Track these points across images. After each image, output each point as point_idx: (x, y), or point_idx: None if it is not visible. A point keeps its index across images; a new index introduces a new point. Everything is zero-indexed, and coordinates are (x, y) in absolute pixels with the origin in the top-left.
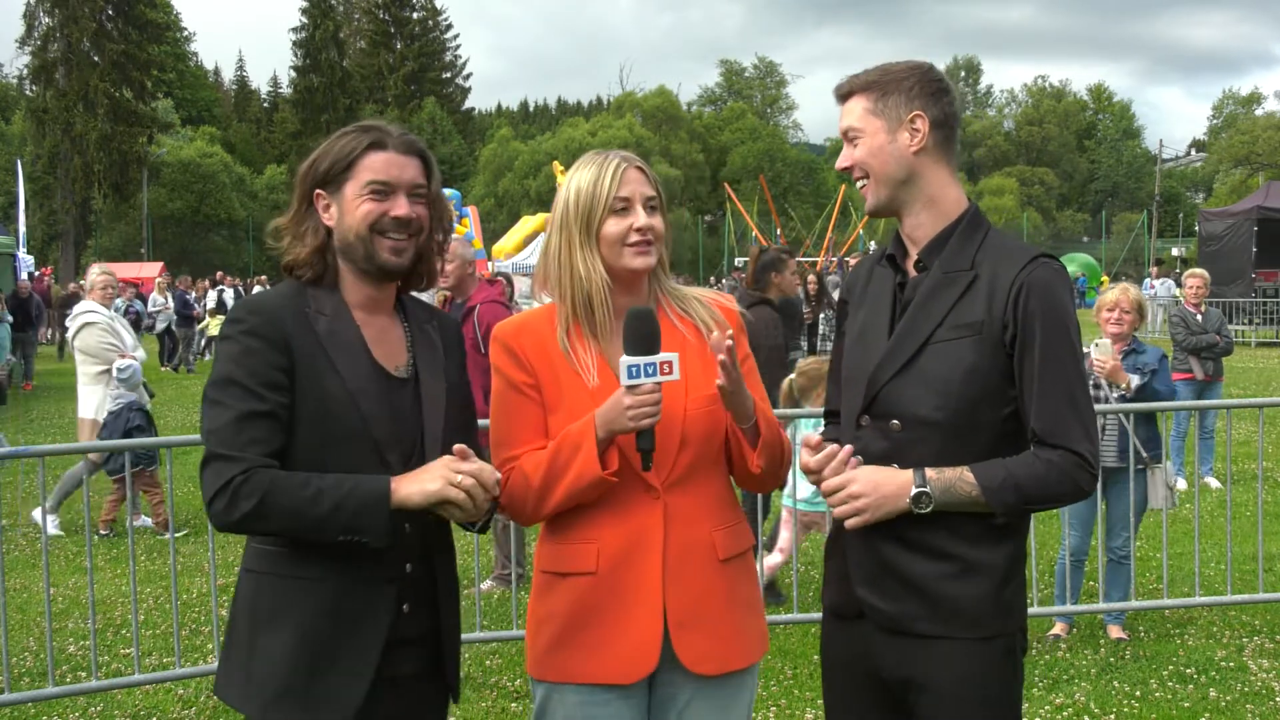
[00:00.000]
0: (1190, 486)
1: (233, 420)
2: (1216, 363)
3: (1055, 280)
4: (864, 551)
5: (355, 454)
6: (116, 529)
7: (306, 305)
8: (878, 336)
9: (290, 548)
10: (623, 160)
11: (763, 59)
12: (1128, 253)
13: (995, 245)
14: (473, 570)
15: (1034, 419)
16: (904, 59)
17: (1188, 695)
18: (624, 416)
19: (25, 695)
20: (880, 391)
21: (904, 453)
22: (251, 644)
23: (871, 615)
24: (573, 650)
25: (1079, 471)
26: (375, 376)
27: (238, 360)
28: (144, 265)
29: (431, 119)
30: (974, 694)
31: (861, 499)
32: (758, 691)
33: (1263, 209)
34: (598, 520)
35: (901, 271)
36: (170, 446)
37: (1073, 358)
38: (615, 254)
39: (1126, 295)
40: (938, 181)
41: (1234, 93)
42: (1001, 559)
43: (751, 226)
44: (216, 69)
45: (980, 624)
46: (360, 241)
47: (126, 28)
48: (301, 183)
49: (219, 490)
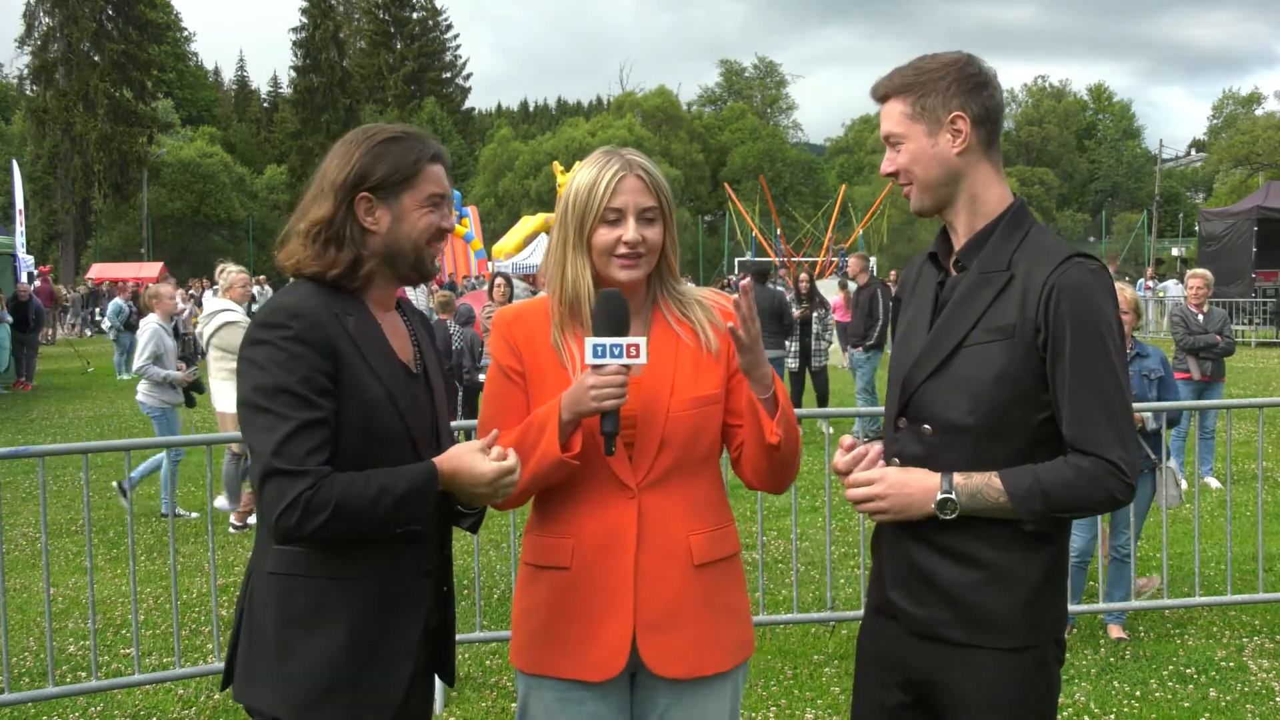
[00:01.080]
0: (1190, 486)
1: (291, 431)
2: (1216, 363)
3: (1090, 281)
4: (895, 553)
5: (396, 453)
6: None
7: (335, 308)
8: (918, 337)
9: (324, 549)
10: (623, 166)
11: (763, 59)
12: (1128, 252)
13: (1034, 244)
14: (472, 570)
15: (1066, 425)
16: (940, 52)
17: (1188, 695)
18: (587, 396)
19: (25, 695)
20: (915, 394)
21: (937, 457)
22: (285, 647)
23: (902, 618)
24: (550, 645)
25: (1111, 479)
26: (402, 374)
27: (286, 367)
28: (144, 265)
29: (431, 119)
30: (1003, 705)
31: (886, 498)
32: (758, 692)
33: (1263, 209)
34: (576, 515)
35: (943, 270)
36: (170, 446)
37: (1105, 361)
38: (604, 263)
39: (1122, 296)
40: (980, 180)
41: (1234, 93)
42: (1034, 568)
43: (752, 227)
44: (216, 69)
45: (1010, 634)
46: (415, 251)
47: (126, 28)
48: (342, 186)
49: (288, 506)
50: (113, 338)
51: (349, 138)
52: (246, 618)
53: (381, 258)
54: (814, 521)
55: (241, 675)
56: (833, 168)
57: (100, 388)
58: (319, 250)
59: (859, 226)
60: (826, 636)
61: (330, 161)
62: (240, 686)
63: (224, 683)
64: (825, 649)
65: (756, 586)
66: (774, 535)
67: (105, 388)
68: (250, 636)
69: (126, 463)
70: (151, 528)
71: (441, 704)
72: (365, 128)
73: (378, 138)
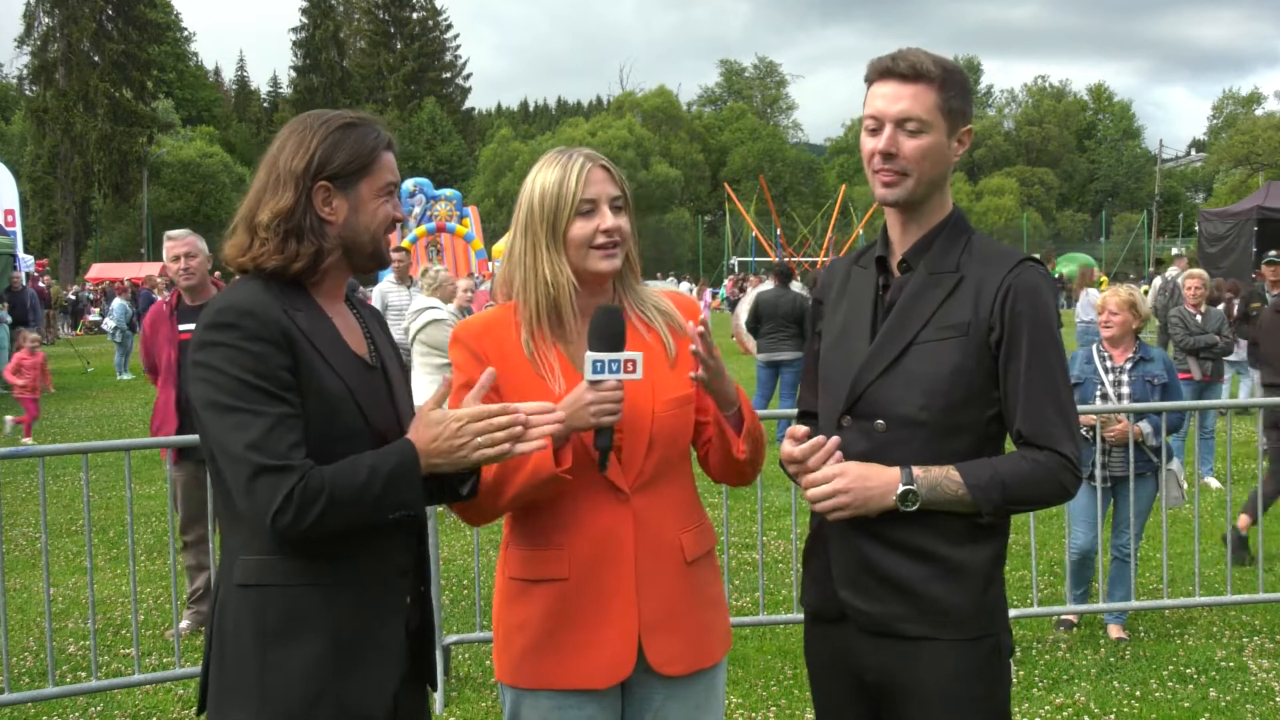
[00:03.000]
0: (1190, 486)
1: (269, 428)
2: (1217, 363)
3: (1041, 283)
4: (845, 551)
5: (358, 449)
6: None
7: (285, 304)
8: (859, 337)
9: (296, 556)
10: (587, 159)
11: (763, 59)
12: (1128, 252)
13: (980, 249)
14: (472, 570)
15: (1020, 420)
16: (935, 53)
17: (1188, 695)
18: (586, 412)
19: (25, 695)
20: (865, 392)
21: (886, 453)
22: (264, 661)
23: (854, 617)
24: (547, 656)
25: (1064, 473)
26: (359, 368)
27: (249, 367)
28: (144, 265)
29: (431, 119)
30: (963, 694)
31: (848, 493)
32: (758, 692)
33: (1263, 209)
34: (567, 525)
35: (886, 273)
36: (169, 446)
37: (1058, 360)
38: (581, 256)
39: (1116, 296)
40: (945, 188)
41: (1234, 92)
42: (984, 560)
43: (751, 227)
44: (216, 69)
45: (967, 625)
46: (373, 241)
47: (126, 28)
48: (303, 175)
49: (282, 503)
50: (118, 340)
51: (300, 123)
52: (217, 635)
53: (340, 249)
54: None
55: (216, 697)
56: (833, 168)
57: (100, 388)
58: (279, 243)
59: (859, 226)
60: None
61: (283, 148)
62: (215, 709)
63: (199, 707)
64: None
65: (756, 586)
66: (774, 535)
67: (105, 388)
68: (223, 655)
69: (126, 463)
70: (151, 528)
71: (442, 704)
72: (315, 113)
73: (334, 124)
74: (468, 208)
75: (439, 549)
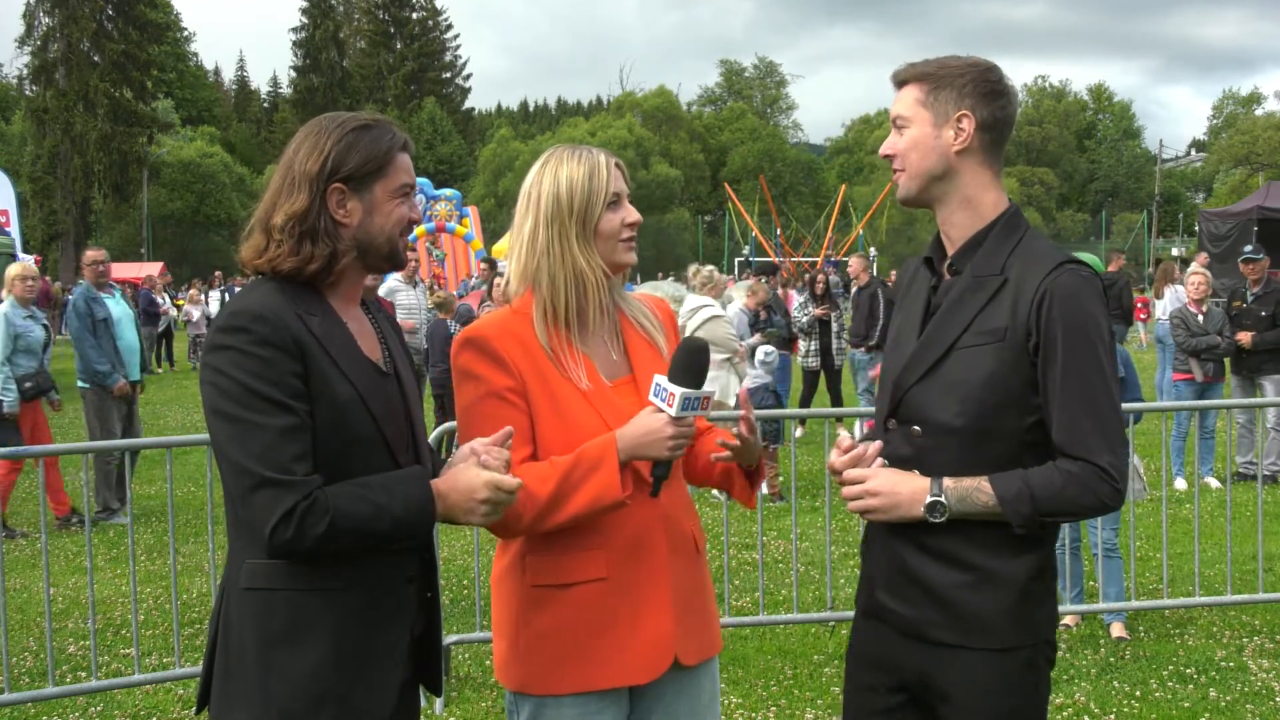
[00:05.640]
0: (1190, 486)
1: (273, 439)
2: (1218, 364)
3: (1081, 287)
4: (884, 554)
5: (371, 456)
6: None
7: (298, 307)
8: (908, 340)
9: (302, 561)
10: (608, 155)
11: (763, 59)
12: (1128, 253)
13: (1028, 250)
14: (472, 570)
15: (1055, 430)
16: (969, 55)
17: (1188, 695)
18: (664, 445)
19: (25, 695)
20: (905, 396)
21: (925, 459)
22: (267, 664)
23: (890, 619)
24: (581, 658)
25: (1100, 484)
26: (372, 374)
27: (257, 373)
28: (144, 265)
29: (431, 119)
30: (992, 705)
31: (876, 496)
32: (758, 692)
33: (1263, 209)
34: (602, 526)
35: (937, 274)
36: (170, 447)
37: (1096, 367)
38: (609, 249)
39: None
40: (976, 183)
41: (1234, 92)
42: (1019, 570)
43: (751, 227)
44: (216, 69)
45: (997, 635)
46: (388, 243)
47: (126, 28)
48: (316, 177)
49: (282, 519)
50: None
51: (316, 125)
52: (221, 638)
53: (354, 251)
54: (814, 521)
55: (218, 698)
56: (833, 168)
57: None
58: (294, 245)
59: (859, 226)
60: (826, 636)
61: (298, 150)
62: (217, 710)
63: (199, 706)
64: (825, 649)
65: (756, 586)
66: (774, 535)
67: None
68: (227, 657)
69: (126, 462)
70: (151, 528)
71: (442, 704)
72: (331, 115)
73: (349, 125)
74: (467, 208)
75: (439, 549)
